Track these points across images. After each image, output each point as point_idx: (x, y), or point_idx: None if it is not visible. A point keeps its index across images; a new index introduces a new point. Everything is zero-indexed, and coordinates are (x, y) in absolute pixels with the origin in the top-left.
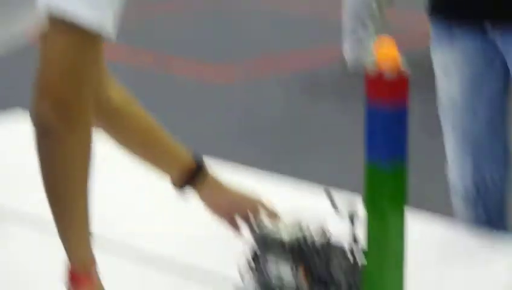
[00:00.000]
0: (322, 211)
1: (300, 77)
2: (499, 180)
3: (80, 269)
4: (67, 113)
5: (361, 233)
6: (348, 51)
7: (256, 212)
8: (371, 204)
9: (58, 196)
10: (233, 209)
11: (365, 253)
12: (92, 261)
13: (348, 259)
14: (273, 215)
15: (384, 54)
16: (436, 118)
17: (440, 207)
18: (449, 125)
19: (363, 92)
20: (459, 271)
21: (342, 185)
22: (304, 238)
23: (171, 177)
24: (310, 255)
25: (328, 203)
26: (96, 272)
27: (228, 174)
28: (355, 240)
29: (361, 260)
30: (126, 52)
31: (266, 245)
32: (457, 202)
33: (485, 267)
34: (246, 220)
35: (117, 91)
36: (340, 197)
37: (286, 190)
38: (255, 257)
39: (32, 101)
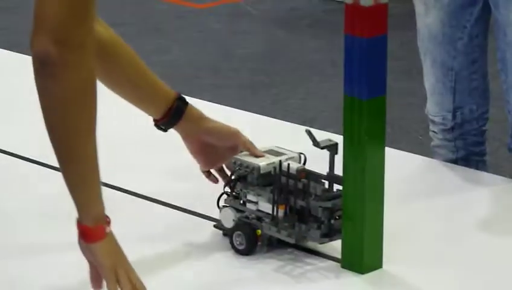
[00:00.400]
0: (302, 147)
1: (278, 11)
2: (478, 113)
3: (91, 223)
4: (68, 47)
5: (341, 165)
6: None
7: (235, 145)
8: (349, 137)
9: (61, 140)
10: (212, 139)
11: (344, 184)
12: (103, 216)
13: (326, 189)
14: (251, 147)
15: None
16: (416, 53)
17: (419, 141)
18: (429, 60)
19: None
20: (439, 205)
21: (323, 120)
22: (280, 165)
23: (155, 109)
24: (286, 182)
25: (309, 141)
26: (109, 226)
27: (206, 111)
28: (333, 170)
29: (339, 191)
30: None
31: (244, 176)
32: (436, 136)
33: (464, 202)
34: (219, 165)
35: (105, 27)
36: (321, 135)
37: (265, 127)
38: (233, 189)
39: (31, 34)
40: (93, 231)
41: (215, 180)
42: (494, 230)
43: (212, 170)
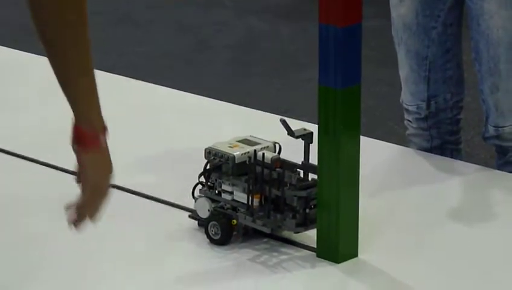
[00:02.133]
0: (277, 137)
1: (252, 0)
2: (452, 102)
3: (86, 127)
4: None
5: (316, 154)
6: None
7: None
8: (324, 126)
9: (56, 46)
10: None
11: (319, 173)
12: (100, 123)
13: (301, 178)
14: None
15: None
16: (391, 42)
17: (395, 130)
18: (403, 49)
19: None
20: (414, 194)
21: (298, 109)
22: (255, 154)
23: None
24: (261, 171)
25: (284, 131)
26: (105, 137)
27: (182, 101)
28: (308, 159)
29: (315, 180)
30: None
31: (218, 166)
32: (411, 125)
33: (439, 190)
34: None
35: None
36: (296, 125)
37: (240, 116)
38: (208, 179)
39: None
40: (87, 135)
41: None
42: (469, 218)
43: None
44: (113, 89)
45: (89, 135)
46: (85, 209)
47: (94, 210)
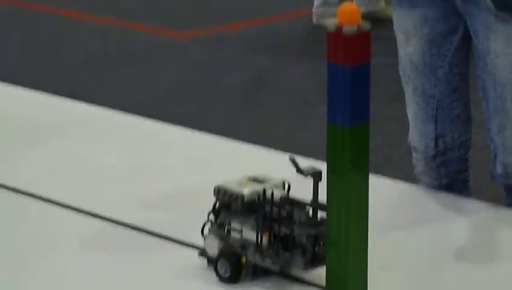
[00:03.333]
0: (286, 175)
1: (262, 38)
2: (460, 141)
3: None
4: None
5: (324, 193)
6: (314, 9)
7: None
8: (332, 164)
9: None
10: None
11: (328, 211)
12: None
13: (310, 216)
14: None
15: (345, 9)
16: (399, 80)
17: (404, 168)
18: (410, 87)
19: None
20: (423, 233)
21: (306, 147)
22: (264, 192)
23: None
24: (270, 209)
25: (292, 169)
26: None
27: (190, 140)
28: (317, 197)
29: (323, 218)
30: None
31: (228, 204)
32: (419, 164)
33: (448, 229)
34: None
35: None
36: (304, 163)
37: (249, 155)
38: (217, 217)
39: None
40: None
41: None
42: (478, 257)
43: None
44: (122, 128)
45: None
46: None
47: None
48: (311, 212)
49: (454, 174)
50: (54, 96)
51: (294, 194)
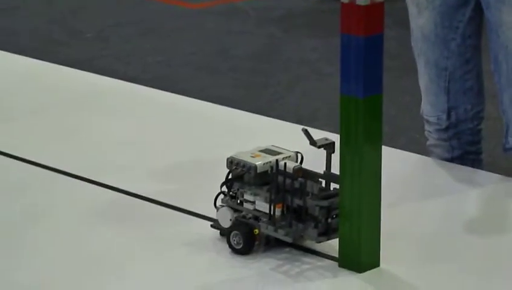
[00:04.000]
0: (298, 147)
1: (274, 10)
2: (473, 113)
3: None
4: None
5: (337, 165)
6: None
7: None
8: (346, 136)
9: None
10: None
11: (341, 183)
12: None
13: (323, 188)
14: None
15: None
16: (412, 52)
17: (416, 140)
18: (422, 60)
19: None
20: (435, 204)
21: (319, 119)
22: (277, 164)
23: None
24: (283, 181)
25: (305, 140)
26: None
27: (203, 111)
28: (330, 168)
29: (336, 189)
30: None
31: (240, 176)
32: (431, 136)
33: (460, 200)
34: None
35: None
36: (317, 134)
37: (262, 126)
38: (230, 189)
39: None
40: None
41: None
42: (491, 228)
43: None
44: (136, 100)
45: None
46: None
47: None
48: (324, 183)
49: (466, 146)
50: (68, 68)
51: (307, 165)
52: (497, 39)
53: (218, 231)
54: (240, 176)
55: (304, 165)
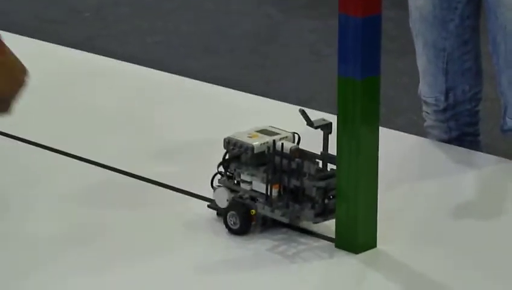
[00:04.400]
0: (296, 127)
1: None
2: (471, 94)
3: None
4: None
5: (334, 146)
6: None
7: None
8: (343, 117)
9: None
10: None
11: (338, 163)
12: None
13: (320, 169)
14: None
15: None
16: (411, 33)
17: (414, 121)
18: (420, 41)
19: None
20: (432, 185)
21: (317, 100)
22: (274, 144)
23: None
24: (280, 161)
25: (302, 121)
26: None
27: (201, 91)
28: (327, 149)
29: (333, 170)
30: None
31: (237, 156)
32: (429, 117)
33: (457, 182)
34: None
35: None
36: (315, 115)
37: (259, 107)
38: (227, 169)
39: None
40: None
41: None
42: (488, 209)
43: None
44: (132, 79)
45: None
46: None
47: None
48: (321, 164)
49: (464, 127)
50: (65, 47)
51: (304, 146)
52: (495, 20)
53: (215, 211)
54: (236, 157)
55: (301, 146)
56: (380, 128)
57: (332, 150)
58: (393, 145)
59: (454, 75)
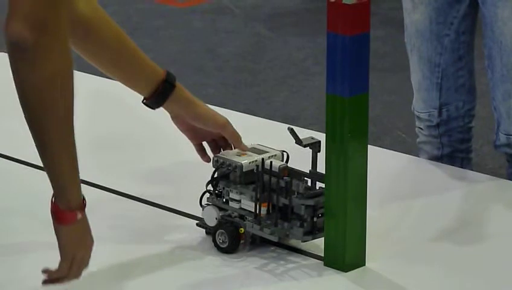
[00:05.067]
0: (284, 146)
1: (260, 8)
2: (464, 110)
3: (63, 206)
4: (43, 32)
5: (323, 164)
6: None
7: (219, 131)
8: (331, 135)
9: (36, 124)
10: (198, 125)
11: (326, 182)
12: (78, 203)
13: (309, 187)
14: (236, 140)
15: None
16: (399, 51)
17: (402, 139)
18: (415, 56)
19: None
20: (422, 203)
21: (305, 118)
22: (263, 162)
23: (141, 88)
24: (269, 180)
25: (291, 139)
26: (82, 213)
27: None
28: (315, 167)
29: (322, 188)
30: None
31: (226, 174)
32: (422, 132)
33: (447, 200)
34: (209, 140)
35: (86, 2)
36: (303, 133)
37: (248, 125)
38: (216, 187)
39: (5, 20)
40: (64, 213)
41: (208, 160)
42: (478, 228)
43: (205, 146)
44: (120, 98)
45: (65, 213)
46: (61, 279)
47: (69, 278)
48: (309, 182)
49: (456, 143)
50: None
51: (292, 164)
52: (492, 35)
53: (204, 230)
54: (225, 175)
55: (289, 164)
56: (368, 146)
57: (321, 168)
58: (381, 163)
59: (448, 91)
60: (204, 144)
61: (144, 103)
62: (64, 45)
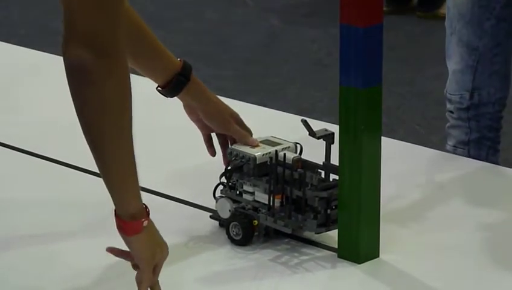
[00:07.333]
0: (298, 137)
1: (273, 1)
2: (496, 97)
3: (126, 218)
4: (103, 54)
5: (336, 156)
6: None
7: (223, 132)
8: (345, 127)
9: (96, 143)
10: (205, 121)
11: (340, 174)
12: (141, 211)
13: (322, 179)
14: (242, 137)
15: None
16: (413, 43)
17: (415, 130)
18: (454, 39)
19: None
20: (435, 195)
21: (319, 109)
22: (276, 154)
23: (156, 78)
24: (282, 172)
25: (305, 131)
26: (147, 219)
27: None
28: (329, 159)
29: (336, 180)
30: None
31: (240, 167)
32: (451, 115)
33: (461, 191)
34: (222, 133)
35: None
36: (317, 125)
37: (261, 117)
38: (229, 180)
39: (63, 43)
40: (130, 225)
41: (213, 153)
42: (493, 220)
43: (214, 138)
44: (135, 90)
45: (128, 224)
46: (143, 285)
47: (151, 282)
48: (323, 174)
49: (484, 130)
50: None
51: (306, 156)
52: None
53: (218, 222)
54: (239, 167)
55: (303, 156)
56: (382, 138)
57: (335, 160)
58: (395, 155)
59: (482, 75)
60: (214, 136)
61: (158, 91)
62: (124, 65)
